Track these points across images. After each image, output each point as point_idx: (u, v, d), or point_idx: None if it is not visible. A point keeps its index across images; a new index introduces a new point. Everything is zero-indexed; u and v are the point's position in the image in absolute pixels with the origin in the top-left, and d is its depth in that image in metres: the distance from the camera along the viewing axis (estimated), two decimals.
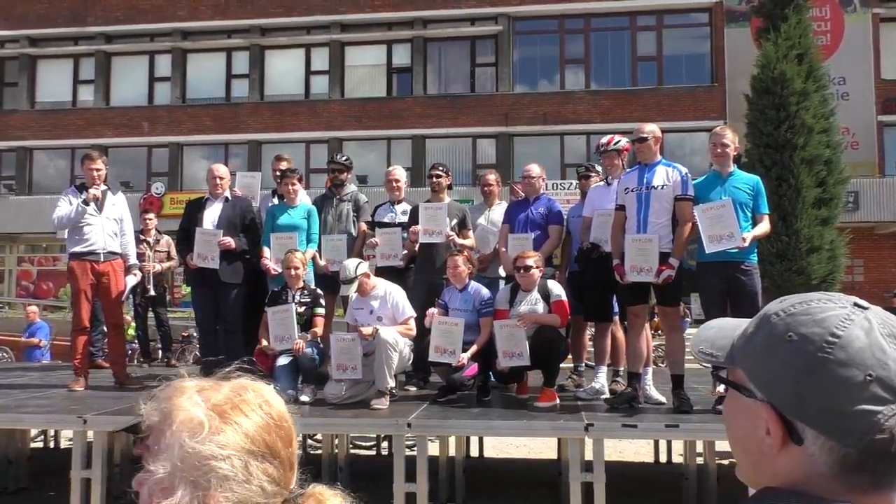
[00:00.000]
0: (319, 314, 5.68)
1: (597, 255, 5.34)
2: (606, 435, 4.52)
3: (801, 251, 12.45)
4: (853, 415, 0.73)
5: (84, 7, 25.13)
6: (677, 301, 5.12)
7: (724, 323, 0.90)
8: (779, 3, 13.52)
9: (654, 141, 5.07)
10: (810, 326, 0.77)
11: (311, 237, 6.18)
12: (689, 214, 4.83)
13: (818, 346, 0.75)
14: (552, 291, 5.28)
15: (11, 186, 25.12)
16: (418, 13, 23.69)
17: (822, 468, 0.76)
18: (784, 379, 0.77)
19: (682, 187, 4.91)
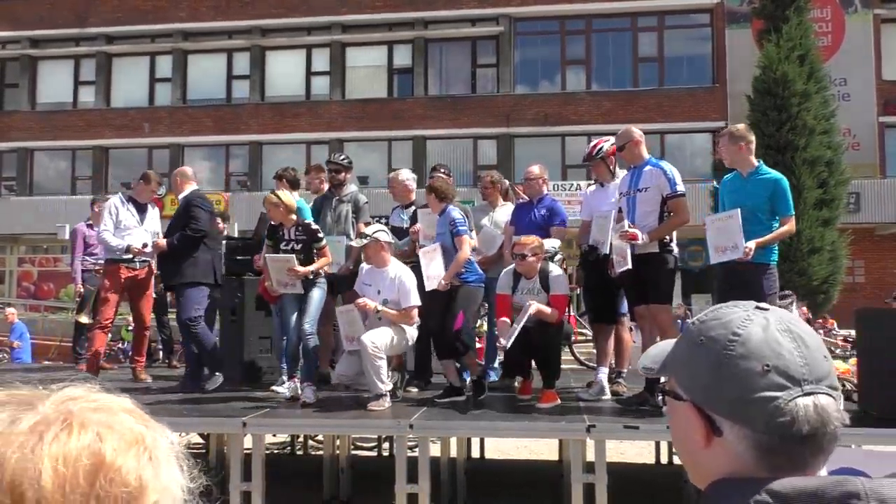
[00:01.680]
0: (319, 248, 5.53)
1: (594, 258, 5.34)
2: (608, 436, 4.51)
3: (803, 252, 12.48)
4: (756, 402, 0.83)
5: (85, 8, 25.15)
6: (664, 299, 4.93)
7: (665, 342, 0.99)
8: (780, 4, 13.56)
9: (634, 144, 5.02)
10: (717, 329, 0.88)
11: None
12: (683, 211, 4.80)
13: (722, 345, 0.86)
14: (553, 283, 5.24)
15: (12, 187, 25.14)
16: (419, 14, 23.71)
17: (742, 455, 0.85)
18: (699, 377, 0.87)
19: (670, 186, 4.82)
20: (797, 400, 0.82)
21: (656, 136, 22.20)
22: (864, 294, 19.62)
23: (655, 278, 4.85)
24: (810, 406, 0.82)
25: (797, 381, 0.82)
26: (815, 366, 0.84)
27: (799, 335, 0.85)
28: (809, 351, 0.84)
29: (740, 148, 4.85)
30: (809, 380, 0.83)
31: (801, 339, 0.85)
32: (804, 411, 0.82)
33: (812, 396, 0.82)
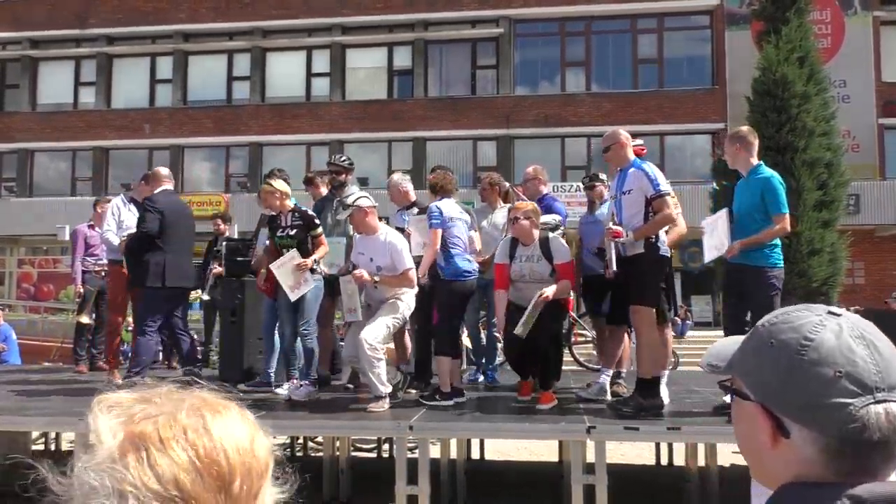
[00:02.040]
0: (315, 235, 5.57)
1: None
2: (608, 437, 4.52)
3: (803, 253, 12.48)
4: (827, 408, 0.83)
5: (85, 9, 25.17)
6: (644, 300, 4.80)
7: (729, 339, 1.00)
8: (780, 6, 13.56)
9: (619, 146, 4.98)
10: (788, 332, 0.88)
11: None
12: (667, 209, 4.75)
13: (794, 349, 0.86)
14: (555, 251, 5.20)
15: (12, 188, 25.16)
16: (419, 15, 23.74)
17: (811, 458, 0.85)
18: (768, 379, 0.88)
19: (652, 186, 4.77)
20: (869, 407, 0.82)
21: (656, 137, 22.23)
22: (865, 295, 19.63)
23: (639, 278, 4.80)
24: (882, 414, 0.82)
25: (869, 388, 0.82)
26: (888, 373, 0.83)
27: (872, 342, 0.85)
28: (882, 358, 0.84)
29: (737, 149, 4.88)
30: (882, 387, 0.82)
31: (875, 346, 0.84)
32: (875, 419, 0.81)
33: (884, 404, 0.82)
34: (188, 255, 6.19)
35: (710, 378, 3.62)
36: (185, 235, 6.10)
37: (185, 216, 6.20)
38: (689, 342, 19.74)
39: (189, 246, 6.20)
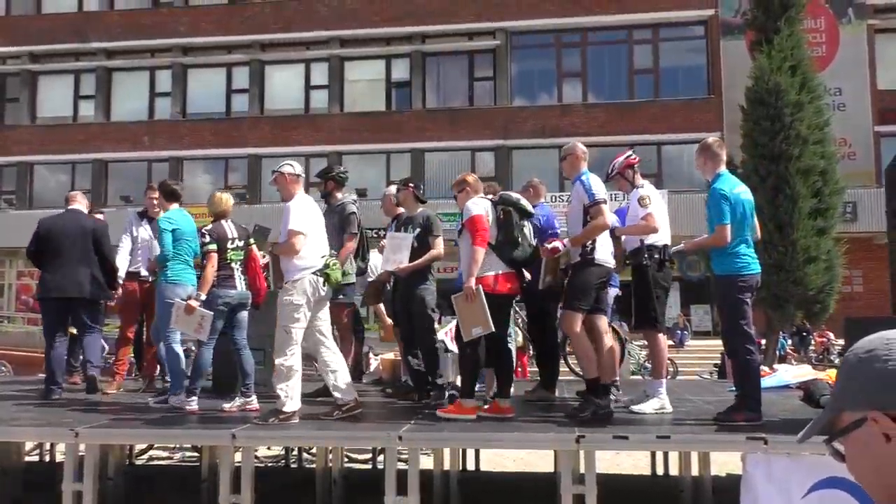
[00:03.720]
0: (206, 252, 5.53)
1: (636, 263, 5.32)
2: (598, 447, 4.51)
3: (798, 261, 12.50)
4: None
5: (85, 23, 25.35)
6: (573, 305, 4.91)
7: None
8: (771, 16, 13.66)
9: (574, 158, 5.18)
10: (868, 345, 0.98)
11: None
12: (600, 216, 4.85)
13: (884, 350, 0.96)
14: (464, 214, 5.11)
15: (12, 201, 25.24)
16: (417, 28, 23.88)
17: None
18: (872, 385, 0.95)
19: (587, 196, 4.91)
20: None
21: (653, 146, 22.32)
22: (862, 303, 19.62)
23: (571, 285, 4.98)
24: None
25: None
26: None
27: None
28: None
29: (704, 160, 5.03)
30: None
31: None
32: None
33: None
34: (75, 268, 6.26)
35: (707, 387, 3.66)
36: (67, 250, 6.28)
37: (67, 234, 6.34)
38: (688, 351, 19.73)
39: (76, 258, 6.28)
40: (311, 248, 4.94)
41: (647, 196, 5.23)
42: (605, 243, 5.01)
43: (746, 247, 4.84)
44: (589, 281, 4.92)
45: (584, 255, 4.95)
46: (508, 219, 4.95)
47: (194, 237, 5.88)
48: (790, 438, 4.29)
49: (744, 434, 4.30)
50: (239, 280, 5.63)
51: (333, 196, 6.42)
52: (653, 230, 5.17)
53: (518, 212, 5.02)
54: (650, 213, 5.15)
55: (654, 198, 5.30)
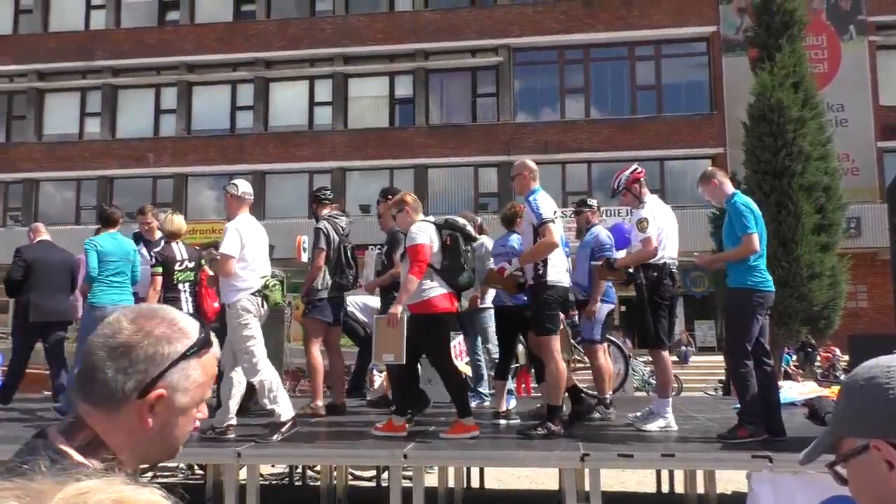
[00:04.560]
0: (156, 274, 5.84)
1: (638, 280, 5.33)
2: (603, 465, 4.51)
3: (802, 277, 12.47)
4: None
5: (92, 42, 25.61)
6: (540, 330, 5.01)
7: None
8: (772, 32, 13.74)
9: (522, 177, 5.25)
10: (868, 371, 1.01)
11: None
12: (547, 235, 4.91)
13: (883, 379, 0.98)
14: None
15: (18, 218, 25.36)
16: (420, 45, 24.06)
17: None
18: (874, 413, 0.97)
19: (535, 215, 4.99)
20: None
21: (655, 162, 22.37)
22: (867, 319, 19.55)
23: (532, 309, 5.08)
24: None
25: None
26: None
27: None
28: None
29: (714, 184, 5.04)
30: None
31: None
32: None
33: None
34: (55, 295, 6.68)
35: (711, 404, 3.67)
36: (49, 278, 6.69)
37: (49, 263, 6.74)
38: (692, 368, 19.64)
39: (56, 286, 6.72)
40: (250, 269, 4.99)
41: (645, 219, 5.20)
42: (557, 263, 5.03)
43: (764, 262, 4.87)
44: (549, 304, 4.98)
45: (536, 277, 4.98)
46: (455, 244, 4.97)
47: (122, 259, 6.04)
48: (795, 457, 4.27)
49: (749, 452, 4.29)
50: (185, 302, 5.78)
51: (319, 214, 6.48)
52: (651, 255, 5.16)
53: (463, 237, 5.06)
54: (648, 238, 5.14)
55: (657, 215, 5.28)
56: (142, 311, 1.12)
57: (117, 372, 1.05)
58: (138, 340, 1.07)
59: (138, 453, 1.09)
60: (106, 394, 1.05)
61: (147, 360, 1.06)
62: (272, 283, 5.02)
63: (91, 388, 1.06)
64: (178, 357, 1.08)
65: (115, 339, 1.07)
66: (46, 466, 0.75)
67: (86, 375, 1.07)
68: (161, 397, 1.06)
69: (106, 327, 1.10)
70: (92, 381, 1.06)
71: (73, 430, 1.06)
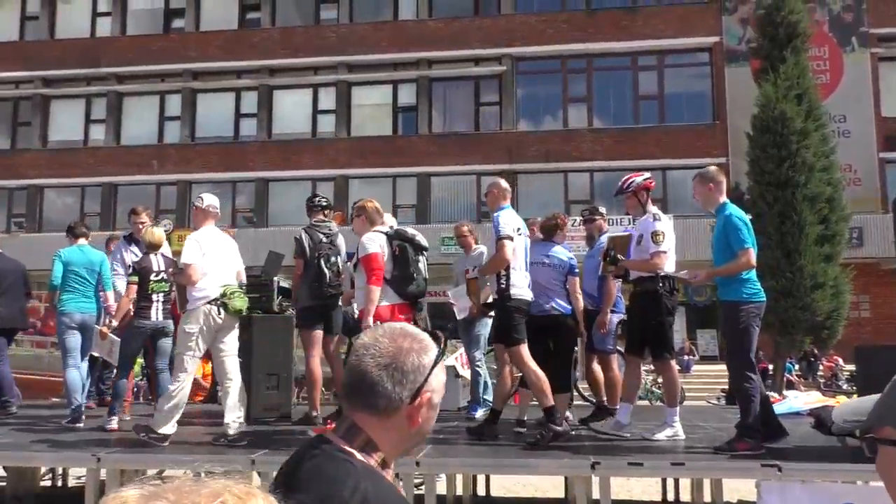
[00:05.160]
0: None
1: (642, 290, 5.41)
2: (613, 473, 4.55)
3: (806, 288, 12.53)
4: None
5: (97, 49, 25.73)
6: (504, 340, 5.25)
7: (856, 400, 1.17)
8: (776, 44, 13.84)
9: (492, 195, 5.49)
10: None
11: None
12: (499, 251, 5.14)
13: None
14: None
15: (21, 224, 25.42)
16: (423, 54, 24.17)
17: None
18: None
19: (495, 231, 5.24)
20: None
21: (658, 171, 22.41)
22: (870, 328, 19.57)
23: (500, 328, 5.32)
24: None
25: None
26: None
27: None
28: None
29: (710, 189, 5.03)
30: None
31: None
32: None
33: None
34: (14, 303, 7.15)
35: (716, 413, 3.72)
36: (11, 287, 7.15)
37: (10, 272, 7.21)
38: (694, 376, 19.64)
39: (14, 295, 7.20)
40: (209, 278, 5.14)
41: (662, 233, 5.24)
42: (519, 278, 5.23)
43: (755, 274, 4.91)
44: (512, 317, 5.17)
45: (500, 291, 5.20)
46: (404, 254, 5.07)
47: (88, 269, 6.57)
48: (804, 466, 4.31)
49: (758, 461, 4.33)
50: (156, 311, 6.02)
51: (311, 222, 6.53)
52: (657, 269, 5.21)
53: (413, 247, 5.13)
54: (661, 253, 5.17)
55: (668, 235, 5.33)
56: (393, 330, 1.37)
57: (394, 384, 1.30)
58: (402, 356, 1.31)
59: (401, 448, 1.35)
60: (387, 403, 1.30)
61: (414, 370, 1.31)
62: (231, 291, 5.14)
63: (374, 400, 1.30)
64: (433, 364, 1.33)
65: (383, 358, 1.31)
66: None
67: (366, 391, 1.31)
68: (428, 399, 1.32)
69: (370, 349, 1.33)
70: (374, 395, 1.30)
71: (351, 434, 1.31)
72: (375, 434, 1.30)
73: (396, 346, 1.32)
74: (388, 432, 1.30)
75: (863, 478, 4.34)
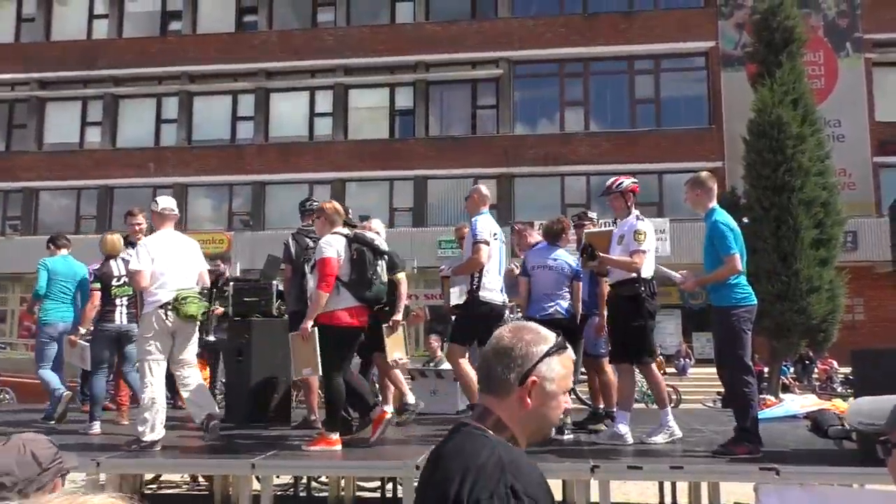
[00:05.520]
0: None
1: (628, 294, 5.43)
2: (612, 476, 4.56)
3: (801, 291, 12.59)
4: None
5: (94, 51, 25.69)
6: (455, 339, 5.41)
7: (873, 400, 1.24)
8: (772, 49, 13.92)
9: (472, 201, 5.66)
10: None
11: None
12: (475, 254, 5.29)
13: None
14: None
15: (17, 227, 25.34)
16: (420, 57, 24.21)
17: None
18: None
19: (472, 235, 5.39)
20: None
21: (654, 175, 22.54)
22: (865, 331, 19.65)
23: (456, 321, 5.57)
24: None
25: None
26: None
27: None
28: None
29: (699, 194, 5.11)
30: None
31: None
32: None
33: None
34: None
35: (713, 416, 3.74)
36: None
37: None
38: (690, 379, 19.69)
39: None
40: (162, 283, 5.17)
41: (644, 232, 5.29)
42: (491, 281, 5.32)
43: (745, 278, 4.95)
44: (470, 318, 5.31)
45: (470, 291, 5.34)
46: (361, 258, 5.07)
47: (71, 280, 6.73)
48: (802, 469, 4.34)
49: (756, 465, 4.35)
50: (120, 314, 6.23)
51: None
52: (636, 269, 5.25)
53: (372, 251, 5.14)
54: (641, 252, 5.22)
55: (649, 236, 5.37)
56: (516, 324, 1.58)
57: (504, 368, 1.48)
58: (514, 343, 1.50)
59: (525, 431, 1.50)
60: (499, 385, 1.49)
61: (522, 357, 1.48)
62: (184, 297, 5.14)
63: (490, 383, 1.50)
64: (543, 354, 1.48)
65: (499, 345, 1.51)
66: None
67: (486, 374, 1.52)
68: (535, 383, 1.47)
69: (494, 339, 1.55)
70: (490, 378, 1.50)
71: (484, 416, 1.49)
72: (502, 415, 1.48)
73: (514, 335, 1.51)
74: (509, 413, 1.48)
75: (860, 481, 4.37)
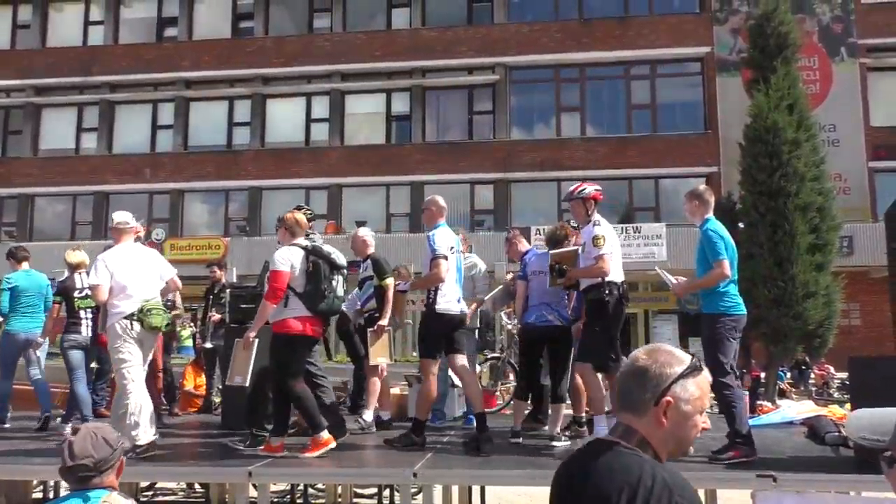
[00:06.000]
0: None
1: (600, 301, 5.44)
2: None
3: (797, 297, 12.61)
4: None
5: (90, 57, 25.69)
6: (423, 353, 5.46)
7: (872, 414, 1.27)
8: (767, 55, 13.97)
9: (429, 212, 5.62)
10: None
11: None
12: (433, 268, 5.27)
13: None
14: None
15: (12, 233, 25.28)
16: (417, 63, 24.25)
17: None
18: None
19: (429, 249, 5.36)
20: None
21: (650, 180, 22.60)
22: (861, 336, 19.69)
23: (419, 336, 5.55)
24: None
25: None
26: None
27: None
28: None
29: (696, 205, 5.23)
30: None
31: None
32: None
33: None
34: None
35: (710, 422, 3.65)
36: None
37: None
38: None
39: None
40: (122, 296, 5.23)
41: (602, 236, 5.31)
42: (449, 293, 5.33)
43: (735, 287, 5.01)
44: (430, 329, 5.34)
45: (427, 304, 5.34)
46: (317, 270, 5.11)
47: (36, 293, 6.89)
48: (799, 476, 4.34)
49: (753, 471, 4.35)
50: (86, 326, 6.50)
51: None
52: (604, 273, 5.27)
53: (328, 265, 5.17)
54: (603, 255, 5.26)
55: (608, 238, 5.38)
56: (653, 346, 1.61)
57: (639, 388, 1.53)
58: (649, 365, 1.54)
59: (664, 449, 1.54)
60: (635, 405, 1.53)
61: (657, 378, 1.52)
62: (148, 308, 5.20)
63: (628, 401, 1.55)
64: (678, 376, 1.52)
65: (634, 365, 1.56)
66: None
67: (624, 394, 1.57)
68: (669, 403, 1.51)
69: (630, 359, 1.61)
70: (627, 398, 1.55)
71: (628, 434, 1.53)
72: (643, 432, 1.52)
73: (649, 357, 1.55)
74: (648, 430, 1.52)
75: (857, 488, 4.37)
